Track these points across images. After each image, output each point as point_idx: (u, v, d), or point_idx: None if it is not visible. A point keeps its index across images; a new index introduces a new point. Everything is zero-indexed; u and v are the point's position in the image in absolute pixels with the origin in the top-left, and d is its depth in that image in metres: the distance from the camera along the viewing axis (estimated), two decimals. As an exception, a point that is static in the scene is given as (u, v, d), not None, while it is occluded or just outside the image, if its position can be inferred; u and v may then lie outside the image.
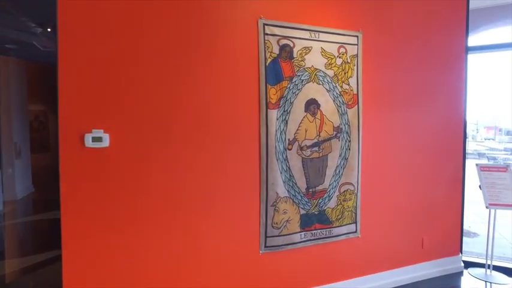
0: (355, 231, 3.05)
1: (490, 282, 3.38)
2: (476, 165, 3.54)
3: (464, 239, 4.54)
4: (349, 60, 2.94)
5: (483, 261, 3.57)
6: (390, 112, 3.20)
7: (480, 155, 15.16)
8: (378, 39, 3.10)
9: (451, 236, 3.60)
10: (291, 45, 2.71)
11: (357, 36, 2.97)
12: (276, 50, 2.66)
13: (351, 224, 3.02)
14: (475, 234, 5.40)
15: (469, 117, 3.63)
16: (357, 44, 2.98)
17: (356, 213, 3.04)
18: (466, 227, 5.73)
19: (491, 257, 3.45)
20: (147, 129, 2.32)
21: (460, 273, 3.58)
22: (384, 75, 3.15)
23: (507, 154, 15.18)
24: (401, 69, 3.24)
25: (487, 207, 3.38)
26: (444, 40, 3.45)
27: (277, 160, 2.67)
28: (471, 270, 3.58)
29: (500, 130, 33.96)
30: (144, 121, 2.31)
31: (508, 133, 32.33)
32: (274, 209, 2.68)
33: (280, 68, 2.67)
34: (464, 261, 3.73)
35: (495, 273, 3.47)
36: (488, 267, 3.48)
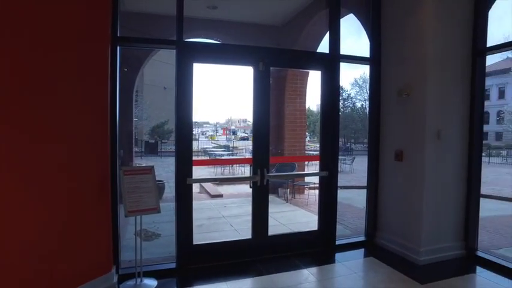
0: None
1: (137, 293, 3.19)
2: (120, 169, 3.26)
3: (144, 244, 4.35)
4: None
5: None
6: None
7: (205, 152, 17.34)
8: None
9: (98, 253, 3.16)
10: None
11: None
12: None
13: None
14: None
15: (210, 119, 3.39)
16: None
17: None
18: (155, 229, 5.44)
19: (140, 263, 3.27)
20: None
21: (115, 291, 3.23)
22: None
23: (223, 151, 18.11)
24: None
25: (126, 216, 3.11)
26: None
27: None
28: (124, 284, 3.28)
29: (229, 130, 41.44)
30: None
31: (234, 133, 39.78)
32: None
33: None
34: (125, 275, 3.43)
35: (146, 280, 3.32)
36: (139, 276, 3.29)
